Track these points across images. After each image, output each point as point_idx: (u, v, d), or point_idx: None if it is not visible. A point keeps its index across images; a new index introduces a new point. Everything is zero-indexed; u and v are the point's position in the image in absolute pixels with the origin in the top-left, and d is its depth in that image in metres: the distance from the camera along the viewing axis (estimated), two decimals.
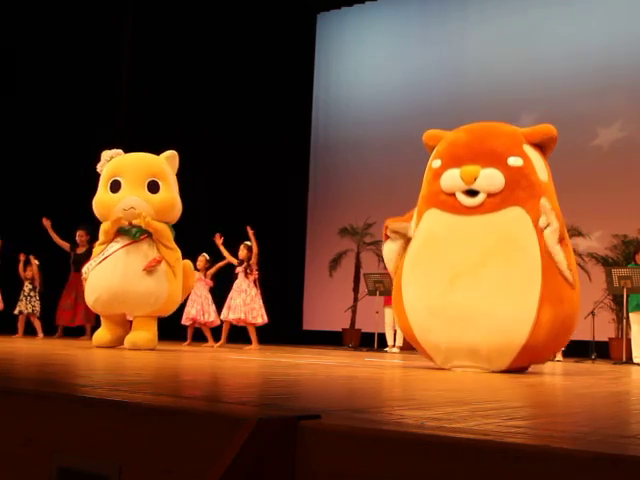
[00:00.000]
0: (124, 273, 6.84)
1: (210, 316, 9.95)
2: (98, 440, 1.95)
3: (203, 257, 10.02)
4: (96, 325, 9.08)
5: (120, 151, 7.31)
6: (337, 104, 15.67)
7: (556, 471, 1.40)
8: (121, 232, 6.97)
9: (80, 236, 10.42)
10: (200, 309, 9.89)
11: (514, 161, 4.87)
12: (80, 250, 10.45)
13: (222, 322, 9.63)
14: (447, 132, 5.30)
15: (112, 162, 7.14)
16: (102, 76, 12.65)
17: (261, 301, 9.43)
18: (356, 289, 14.02)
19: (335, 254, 14.53)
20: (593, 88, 12.78)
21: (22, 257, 10.68)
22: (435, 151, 5.19)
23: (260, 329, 9.66)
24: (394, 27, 15.17)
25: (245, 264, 9.48)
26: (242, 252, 9.52)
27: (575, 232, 11.88)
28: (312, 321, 15.03)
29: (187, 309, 9.76)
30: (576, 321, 5.09)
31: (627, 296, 9.12)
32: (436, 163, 5.08)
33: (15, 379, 2.90)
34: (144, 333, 6.87)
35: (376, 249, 14.27)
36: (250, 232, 9.55)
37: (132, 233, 6.90)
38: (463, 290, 4.75)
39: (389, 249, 5.29)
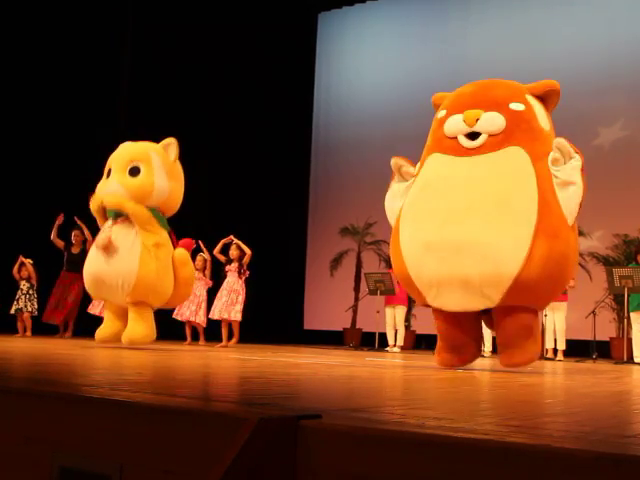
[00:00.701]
0: (98, 255, 7.05)
1: (200, 318, 9.98)
2: (99, 440, 1.95)
3: (201, 257, 10.00)
4: (83, 324, 9.25)
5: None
6: (338, 103, 15.66)
7: (557, 471, 1.40)
8: (108, 215, 7.20)
9: (76, 236, 10.43)
10: (194, 310, 9.93)
11: (515, 106, 4.99)
12: (75, 250, 10.47)
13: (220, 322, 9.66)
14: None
15: (114, 152, 7.39)
16: (103, 75, 12.65)
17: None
18: (357, 289, 14.02)
19: (336, 254, 14.54)
20: (594, 87, 12.77)
21: (21, 259, 10.67)
22: (441, 105, 5.34)
23: (262, 328, 9.68)
24: (395, 27, 15.16)
25: (237, 264, 9.50)
26: (234, 252, 9.55)
27: None
28: (313, 321, 15.03)
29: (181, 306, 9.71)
30: (572, 263, 5.03)
31: (628, 296, 9.11)
32: (441, 114, 5.22)
33: (16, 379, 2.90)
34: (140, 328, 6.89)
35: (377, 249, 14.27)
36: (234, 240, 9.61)
37: (111, 216, 7.14)
38: (458, 224, 4.77)
39: (395, 188, 5.27)
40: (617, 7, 13.05)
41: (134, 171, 7.07)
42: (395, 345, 11.25)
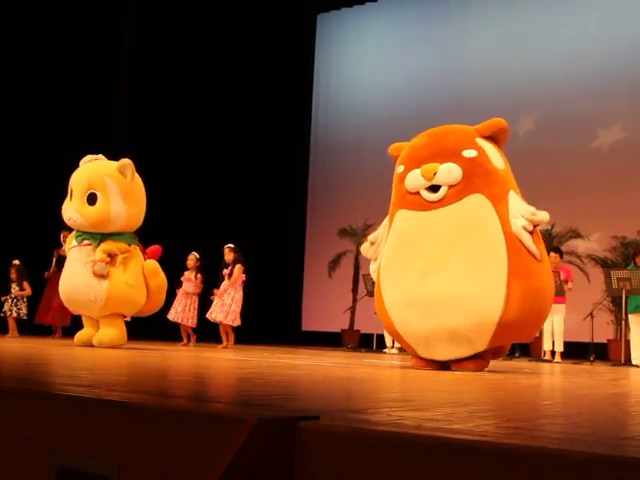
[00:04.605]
0: (68, 273, 7.42)
1: (189, 319, 9.96)
2: (97, 440, 1.95)
3: (193, 256, 10.06)
4: (72, 326, 9.31)
5: (100, 156, 7.56)
6: (337, 105, 15.66)
7: (554, 472, 1.40)
8: (76, 239, 7.49)
9: (64, 237, 10.39)
10: (181, 310, 9.93)
11: (468, 153, 5.17)
12: (64, 252, 10.45)
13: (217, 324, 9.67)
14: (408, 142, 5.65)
15: (75, 172, 7.48)
16: (101, 78, 12.64)
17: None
18: (355, 290, 14.02)
19: (334, 255, 14.52)
20: (593, 90, 12.78)
21: (14, 261, 10.65)
22: (399, 159, 5.54)
23: (260, 329, 9.68)
24: (394, 28, 15.16)
25: (231, 267, 9.51)
26: (228, 255, 9.53)
27: (574, 234, 11.88)
28: (311, 322, 15.02)
29: (173, 306, 9.86)
30: (549, 294, 5.27)
31: (626, 298, 9.12)
32: (400, 169, 5.42)
33: (14, 379, 2.90)
34: (110, 330, 7.17)
35: None
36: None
37: (78, 240, 7.45)
38: (434, 278, 5.00)
39: (373, 269, 5.58)
40: (616, 9, 13.06)
41: (91, 199, 7.24)
42: (393, 347, 11.23)
